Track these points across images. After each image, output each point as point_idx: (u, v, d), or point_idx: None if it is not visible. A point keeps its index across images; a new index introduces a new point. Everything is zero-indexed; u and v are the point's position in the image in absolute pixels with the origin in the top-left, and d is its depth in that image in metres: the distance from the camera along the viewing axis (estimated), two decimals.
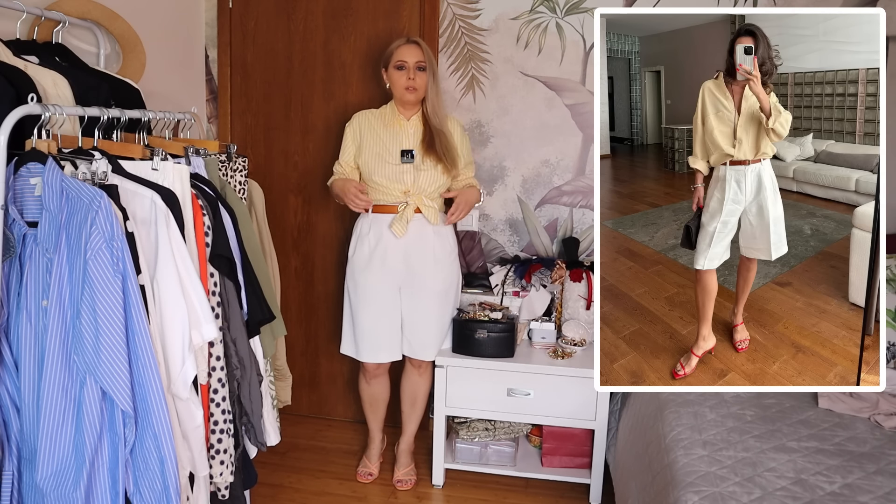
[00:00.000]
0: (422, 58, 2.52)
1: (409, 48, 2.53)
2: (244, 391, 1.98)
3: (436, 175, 2.55)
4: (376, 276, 2.58)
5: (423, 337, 2.64)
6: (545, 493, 2.74)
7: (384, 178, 2.55)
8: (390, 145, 2.57)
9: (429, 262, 2.58)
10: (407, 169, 2.54)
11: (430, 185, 2.56)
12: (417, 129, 2.59)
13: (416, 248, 2.57)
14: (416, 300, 2.60)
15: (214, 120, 3.18)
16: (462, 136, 2.67)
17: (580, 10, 2.90)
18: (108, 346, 1.50)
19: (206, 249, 1.83)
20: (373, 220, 2.59)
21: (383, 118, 2.62)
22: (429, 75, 2.53)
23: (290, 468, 2.88)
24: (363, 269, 2.59)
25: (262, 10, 3.08)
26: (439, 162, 2.54)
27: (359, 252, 2.61)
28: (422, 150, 2.55)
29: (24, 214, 1.58)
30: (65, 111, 1.62)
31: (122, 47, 2.38)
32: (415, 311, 2.62)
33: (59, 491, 1.53)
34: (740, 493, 1.72)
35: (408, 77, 2.51)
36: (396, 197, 2.56)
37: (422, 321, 2.62)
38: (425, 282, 2.58)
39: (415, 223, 2.56)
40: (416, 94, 2.54)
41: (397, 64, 2.53)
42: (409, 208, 2.54)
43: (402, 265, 2.57)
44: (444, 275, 2.62)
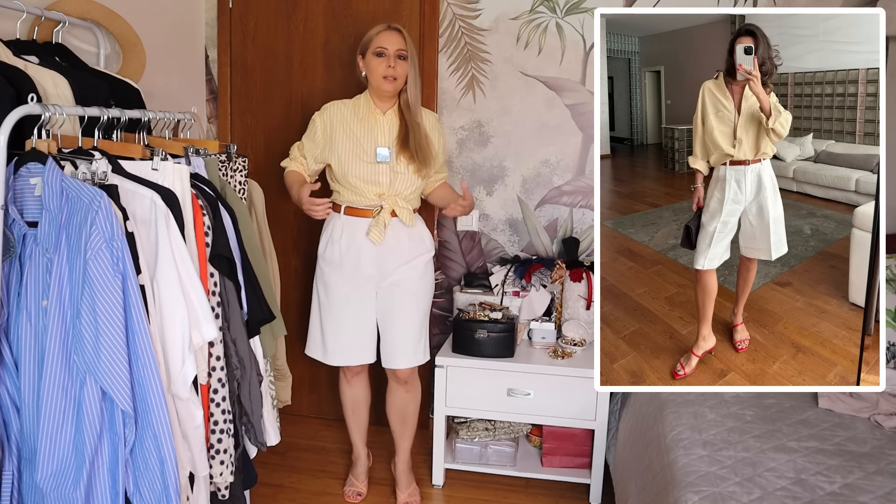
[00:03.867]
0: (403, 46, 2.34)
1: (390, 35, 2.35)
2: (244, 391, 1.98)
3: (413, 177, 2.41)
4: (348, 281, 2.44)
5: (401, 342, 2.49)
6: (545, 493, 2.74)
7: (358, 178, 2.38)
8: (364, 142, 2.39)
9: (402, 265, 2.44)
10: (383, 169, 2.38)
11: (406, 187, 2.41)
12: (394, 124, 2.41)
13: (390, 252, 2.43)
14: (390, 303, 2.46)
15: (214, 120, 3.18)
16: (440, 134, 2.52)
17: (580, 10, 2.90)
18: (108, 346, 1.50)
19: (206, 249, 1.83)
20: (345, 222, 2.43)
21: (357, 111, 2.43)
22: (410, 65, 2.36)
23: (290, 468, 2.89)
24: (334, 272, 2.45)
25: (262, 10, 3.08)
26: (412, 161, 2.37)
27: (329, 254, 2.46)
28: (397, 147, 2.39)
29: (24, 214, 1.58)
30: (65, 111, 1.62)
31: (122, 47, 2.38)
32: (389, 315, 2.48)
33: (59, 491, 1.53)
34: (740, 493, 1.72)
35: (387, 65, 2.32)
36: (370, 199, 2.40)
37: (398, 325, 2.48)
38: (400, 284, 2.45)
39: (390, 227, 2.41)
40: (395, 84, 2.35)
41: (377, 50, 2.34)
42: (384, 212, 2.39)
43: (375, 270, 2.44)
44: (417, 274, 2.47)
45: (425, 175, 2.45)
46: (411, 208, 2.46)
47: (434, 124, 2.51)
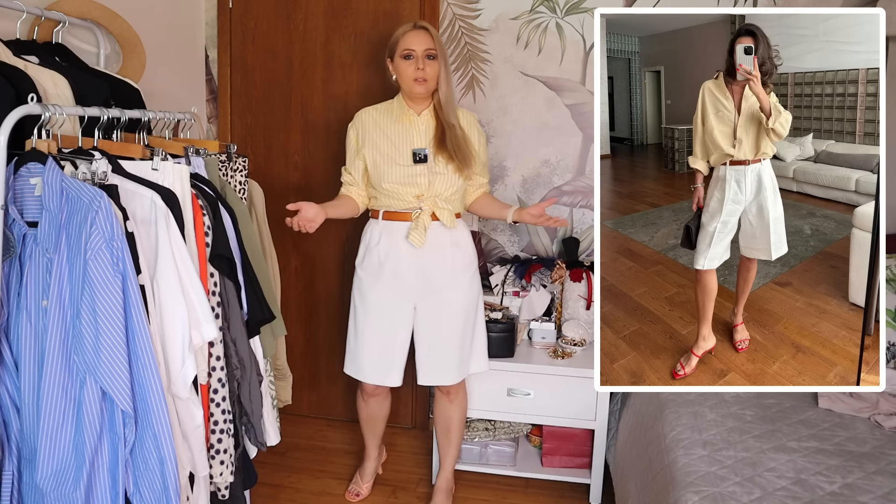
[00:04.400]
0: (431, 45, 2.26)
1: (417, 34, 2.26)
2: (244, 391, 1.98)
3: (453, 177, 2.32)
4: (387, 292, 2.33)
5: (443, 360, 2.37)
6: (545, 493, 2.74)
7: (395, 182, 2.29)
8: (400, 144, 2.31)
9: (447, 274, 2.34)
10: (420, 171, 2.29)
11: (447, 188, 2.31)
12: (429, 124, 2.33)
13: (431, 259, 2.32)
14: (434, 318, 2.35)
15: (214, 120, 3.18)
16: (479, 134, 2.43)
17: (580, 10, 2.90)
18: (108, 346, 1.50)
19: (206, 249, 1.83)
20: (383, 228, 2.33)
21: (390, 114, 2.36)
22: (440, 64, 2.27)
23: (290, 468, 2.88)
24: (372, 283, 2.34)
25: (262, 10, 3.08)
26: (451, 161, 2.29)
27: (368, 263, 2.36)
28: (434, 148, 2.30)
29: (24, 214, 1.58)
30: (65, 111, 1.62)
31: (122, 47, 2.38)
32: (432, 331, 2.36)
33: (59, 491, 1.53)
34: (740, 493, 1.72)
35: (416, 67, 2.24)
36: (409, 202, 2.30)
37: (441, 342, 2.36)
38: (444, 296, 2.34)
39: (431, 230, 2.30)
40: (427, 85, 2.27)
41: (404, 53, 2.26)
42: (424, 214, 2.28)
43: (417, 278, 2.32)
44: (465, 287, 2.37)
45: (467, 175, 2.36)
46: (452, 210, 2.35)
47: (472, 123, 2.42)
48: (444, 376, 2.40)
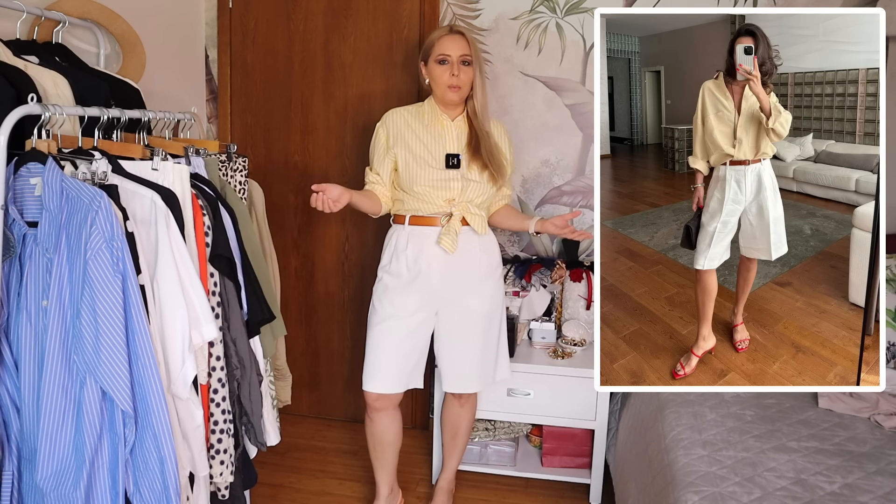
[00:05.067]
0: (467, 51, 2.20)
1: (453, 39, 2.20)
2: (244, 391, 1.98)
3: (486, 186, 2.27)
4: (415, 298, 2.26)
5: (466, 367, 2.33)
6: (545, 493, 2.74)
7: (427, 185, 2.23)
8: (433, 148, 2.25)
9: (473, 280, 2.29)
10: (453, 175, 2.23)
11: (479, 195, 2.26)
12: (462, 130, 2.28)
13: (460, 265, 2.26)
14: (457, 324, 2.30)
15: (214, 120, 3.18)
16: (509, 144, 2.40)
17: (580, 10, 2.90)
18: (108, 346, 1.50)
19: (206, 249, 1.83)
20: (410, 232, 2.26)
21: (421, 117, 2.29)
22: (475, 70, 2.22)
23: (290, 468, 2.88)
24: (400, 289, 2.26)
25: (262, 10, 3.08)
26: (485, 169, 2.24)
27: (395, 268, 2.27)
28: (468, 155, 2.25)
29: (24, 214, 1.58)
30: (65, 111, 1.62)
31: (122, 47, 2.38)
32: (455, 337, 2.31)
33: (59, 491, 1.53)
34: (740, 493, 1.72)
35: (451, 73, 2.19)
36: (439, 206, 2.24)
37: (461, 349, 2.32)
38: (467, 302, 2.29)
39: (461, 236, 2.25)
40: (461, 92, 2.22)
41: (439, 57, 2.20)
42: (454, 219, 2.23)
43: (443, 284, 2.26)
44: (489, 293, 2.33)
45: (500, 185, 2.32)
46: (484, 216, 2.31)
47: (503, 134, 2.38)
48: (468, 384, 2.37)
